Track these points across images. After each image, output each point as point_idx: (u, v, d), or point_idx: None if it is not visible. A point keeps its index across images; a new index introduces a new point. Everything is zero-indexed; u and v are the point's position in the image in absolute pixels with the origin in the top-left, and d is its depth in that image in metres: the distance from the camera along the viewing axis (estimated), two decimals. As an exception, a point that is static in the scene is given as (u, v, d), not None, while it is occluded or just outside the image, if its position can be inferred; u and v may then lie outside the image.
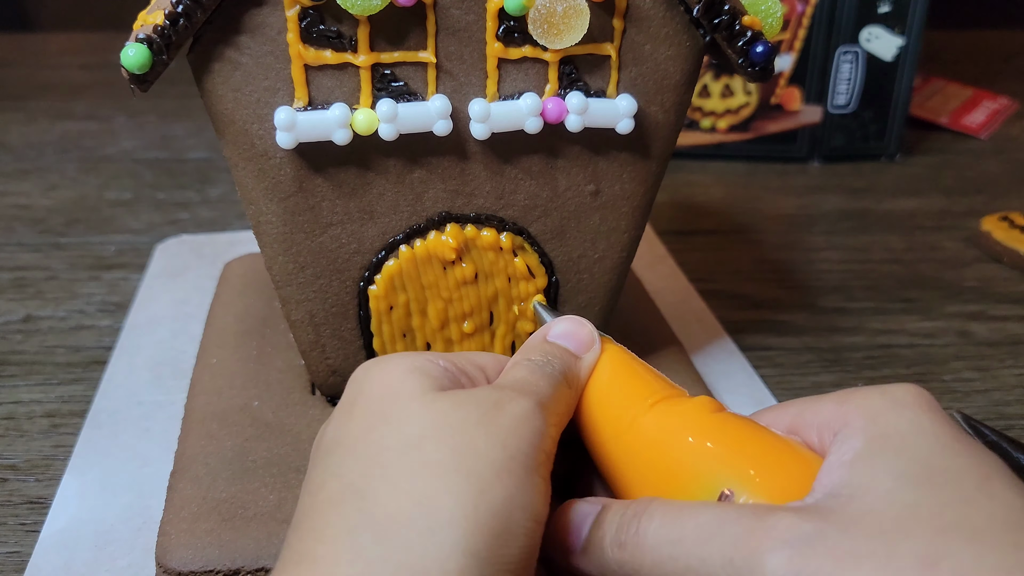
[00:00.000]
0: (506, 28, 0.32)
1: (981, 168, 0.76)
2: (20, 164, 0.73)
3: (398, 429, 0.25)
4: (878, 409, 0.24)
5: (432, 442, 0.24)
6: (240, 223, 0.63)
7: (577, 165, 0.35)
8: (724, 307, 0.53)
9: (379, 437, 0.25)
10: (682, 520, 0.23)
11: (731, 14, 0.32)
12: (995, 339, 0.51)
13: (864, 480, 0.22)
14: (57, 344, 0.49)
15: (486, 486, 0.23)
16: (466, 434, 0.24)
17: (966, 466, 0.22)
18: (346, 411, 0.27)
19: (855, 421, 0.24)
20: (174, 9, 0.29)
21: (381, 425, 0.25)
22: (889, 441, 0.23)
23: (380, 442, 0.25)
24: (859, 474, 0.23)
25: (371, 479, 0.24)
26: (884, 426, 0.24)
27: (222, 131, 0.33)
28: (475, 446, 0.24)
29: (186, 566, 0.33)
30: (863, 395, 0.25)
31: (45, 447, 0.41)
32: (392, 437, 0.25)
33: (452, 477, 0.23)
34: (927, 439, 0.23)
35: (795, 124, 0.74)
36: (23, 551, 0.36)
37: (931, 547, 0.20)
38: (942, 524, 0.21)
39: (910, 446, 0.23)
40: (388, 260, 0.36)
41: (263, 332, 0.46)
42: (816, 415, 0.26)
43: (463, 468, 0.23)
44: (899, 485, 0.22)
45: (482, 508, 0.23)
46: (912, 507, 0.21)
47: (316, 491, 0.25)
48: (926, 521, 0.21)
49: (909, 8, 0.69)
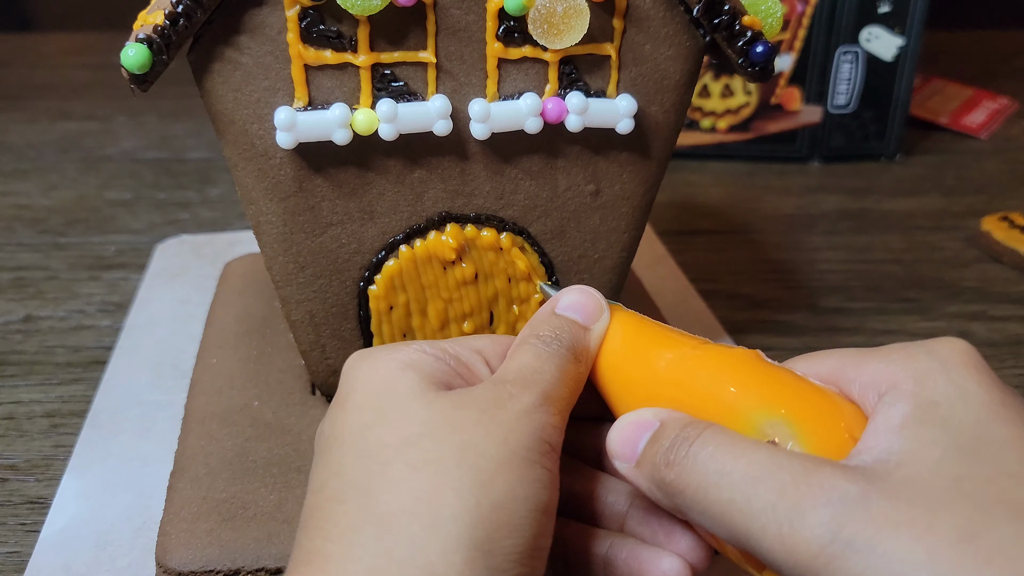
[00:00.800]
0: (506, 28, 0.32)
1: (981, 168, 0.76)
2: (20, 164, 0.73)
3: (396, 427, 0.25)
4: (926, 371, 0.24)
5: (432, 440, 0.24)
6: (240, 223, 0.63)
7: (577, 165, 0.35)
8: (724, 307, 0.53)
9: (378, 435, 0.25)
10: (735, 454, 0.23)
11: (731, 14, 0.32)
12: (995, 339, 0.51)
13: (912, 447, 0.22)
14: (57, 344, 0.49)
15: (487, 480, 0.23)
16: (466, 431, 0.24)
17: (1012, 437, 0.22)
18: (340, 406, 0.27)
19: (903, 384, 0.24)
20: (174, 9, 0.29)
21: (378, 423, 0.25)
22: (938, 409, 0.23)
23: (379, 440, 0.25)
24: (908, 441, 0.22)
25: (373, 476, 0.24)
26: (932, 392, 0.23)
27: (222, 131, 0.33)
28: (475, 442, 0.24)
29: (186, 566, 0.33)
30: (909, 354, 0.25)
31: (45, 447, 0.41)
32: (391, 435, 0.25)
33: (453, 472, 0.23)
34: (974, 407, 0.23)
35: (795, 124, 0.74)
36: (23, 551, 0.36)
37: (971, 521, 0.20)
38: (985, 499, 0.21)
39: (958, 414, 0.23)
40: (388, 260, 0.36)
41: (263, 332, 0.46)
42: (859, 371, 0.25)
43: (464, 463, 0.23)
44: (946, 456, 0.22)
45: (484, 501, 0.23)
46: (956, 480, 0.21)
47: (320, 489, 0.25)
48: (969, 495, 0.21)
49: (909, 8, 0.69)
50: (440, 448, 0.24)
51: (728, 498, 0.23)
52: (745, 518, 0.22)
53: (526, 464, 0.24)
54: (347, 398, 0.27)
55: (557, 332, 0.29)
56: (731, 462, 0.23)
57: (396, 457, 0.24)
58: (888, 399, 0.24)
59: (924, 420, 0.23)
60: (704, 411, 0.26)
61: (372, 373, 0.27)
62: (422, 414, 0.25)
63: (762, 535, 0.22)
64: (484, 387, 0.26)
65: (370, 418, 0.26)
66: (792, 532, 0.21)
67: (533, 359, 0.28)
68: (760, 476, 0.22)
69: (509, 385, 0.26)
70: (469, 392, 0.26)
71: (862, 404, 0.25)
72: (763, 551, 0.22)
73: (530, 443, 0.25)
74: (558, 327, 0.29)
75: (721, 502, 0.23)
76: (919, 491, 0.21)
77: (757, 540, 0.22)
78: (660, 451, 0.25)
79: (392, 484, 0.23)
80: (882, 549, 0.20)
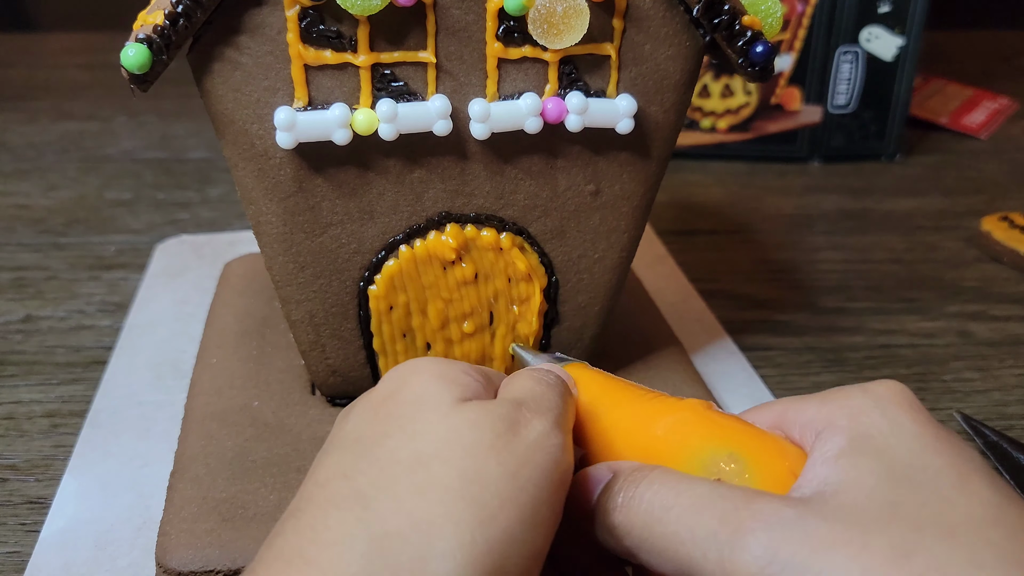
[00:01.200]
0: (506, 28, 0.32)
1: (981, 168, 0.76)
2: (20, 164, 0.73)
3: (411, 441, 0.25)
4: (860, 408, 0.25)
5: (441, 462, 0.24)
6: (240, 223, 0.63)
7: (577, 165, 0.35)
8: (724, 307, 0.53)
9: (393, 446, 0.25)
10: (679, 490, 0.24)
11: (731, 14, 0.32)
12: (995, 339, 0.51)
13: (848, 477, 0.23)
14: (57, 344, 0.49)
15: (488, 518, 0.23)
16: (477, 458, 0.24)
17: (945, 465, 0.23)
18: (375, 406, 0.27)
19: (838, 420, 0.25)
20: (174, 9, 0.29)
21: (398, 434, 0.25)
22: (872, 441, 0.24)
23: (393, 452, 0.24)
24: (843, 471, 0.23)
25: (377, 490, 0.23)
26: (867, 425, 0.24)
27: (222, 131, 0.33)
28: (484, 471, 0.24)
29: (186, 566, 0.33)
30: (845, 394, 0.26)
31: (45, 447, 0.41)
32: (404, 449, 0.24)
33: (456, 504, 0.23)
34: (908, 439, 0.24)
35: (795, 124, 0.74)
36: (23, 551, 0.36)
37: (906, 540, 0.21)
38: (919, 520, 0.21)
39: (892, 446, 0.23)
40: (388, 260, 0.36)
41: (263, 332, 0.46)
42: (799, 414, 0.26)
43: (468, 494, 0.23)
44: (881, 483, 0.22)
45: (479, 541, 0.22)
46: (891, 504, 0.22)
47: (323, 483, 0.24)
48: (904, 517, 0.22)
49: (909, 8, 0.69)
50: (448, 473, 0.24)
51: (672, 531, 0.23)
52: (688, 548, 0.23)
53: (531, 505, 0.24)
54: (384, 401, 0.27)
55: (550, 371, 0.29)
56: (675, 497, 0.24)
57: (404, 476, 0.24)
58: (824, 435, 0.25)
59: (858, 451, 0.24)
60: (660, 457, 0.27)
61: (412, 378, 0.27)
62: (437, 429, 0.25)
63: (704, 562, 0.22)
64: (500, 405, 0.26)
65: (393, 427, 0.25)
66: (732, 557, 0.22)
67: (538, 385, 0.28)
68: (702, 507, 0.23)
69: (525, 409, 0.26)
70: (486, 407, 0.26)
71: (803, 445, 0.26)
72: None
73: (540, 480, 0.24)
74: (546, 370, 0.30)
75: (666, 536, 0.23)
76: (855, 514, 0.22)
77: (699, 568, 0.23)
78: (611, 497, 0.25)
79: (395, 504, 0.23)
80: (818, 568, 0.21)
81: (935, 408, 0.45)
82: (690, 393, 0.42)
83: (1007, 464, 0.40)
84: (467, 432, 0.25)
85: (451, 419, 0.25)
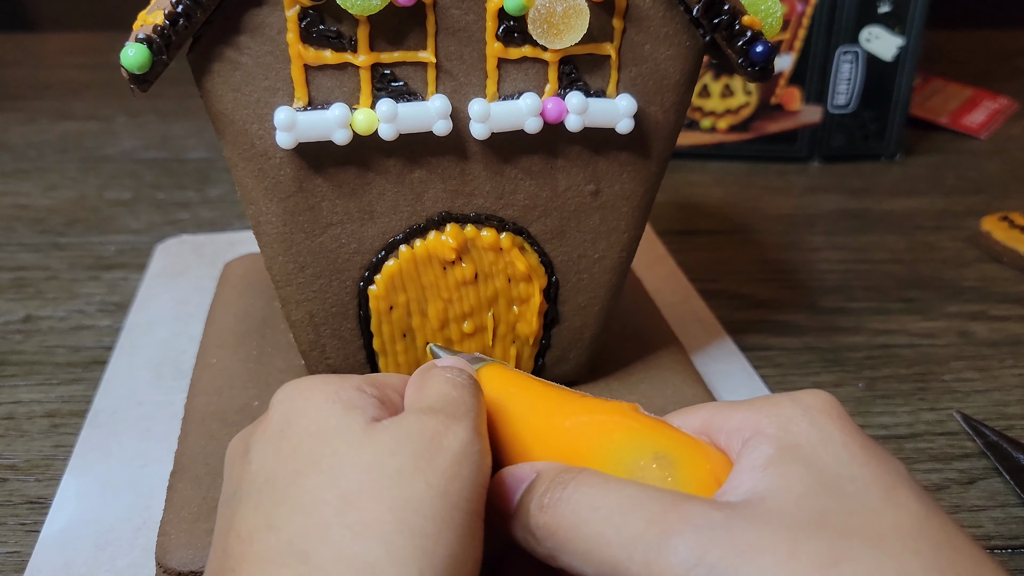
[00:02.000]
0: (506, 28, 0.32)
1: (981, 168, 0.76)
2: (20, 164, 0.73)
3: (332, 480, 0.23)
4: (789, 417, 0.25)
5: (369, 498, 0.23)
6: (240, 223, 0.63)
7: (577, 165, 0.35)
8: (724, 307, 0.53)
9: (314, 487, 0.23)
10: (607, 490, 0.24)
11: (731, 14, 0.32)
12: (995, 339, 0.51)
13: (776, 484, 0.23)
14: (57, 344, 0.49)
15: (429, 545, 0.22)
16: (404, 486, 0.23)
17: (873, 476, 0.23)
18: (273, 441, 0.25)
19: (767, 428, 0.25)
20: (174, 9, 0.29)
21: (313, 472, 0.24)
22: (800, 450, 0.24)
23: (315, 493, 0.23)
24: (771, 478, 0.23)
25: (311, 540, 0.22)
26: (796, 435, 0.24)
27: (222, 131, 0.33)
28: (415, 498, 0.23)
29: (186, 566, 0.33)
30: (774, 403, 0.26)
31: (45, 447, 0.41)
32: (328, 489, 0.23)
33: (394, 540, 0.22)
34: (836, 449, 0.24)
35: (795, 124, 0.74)
36: (23, 551, 0.36)
37: (833, 548, 0.21)
38: (847, 529, 0.21)
39: (820, 455, 0.24)
40: (388, 260, 0.36)
41: (263, 332, 0.46)
42: (727, 420, 0.26)
43: (404, 527, 0.22)
44: (810, 491, 0.23)
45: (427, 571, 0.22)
46: (820, 512, 0.22)
47: (249, 539, 0.23)
48: (832, 525, 0.22)
49: (909, 8, 0.69)
50: (380, 508, 0.23)
51: (598, 532, 0.23)
52: (614, 549, 0.23)
53: (465, 519, 0.24)
54: (282, 433, 0.25)
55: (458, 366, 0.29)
56: (602, 498, 0.24)
57: (336, 519, 0.23)
58: (752, 443, 0.25)
59: (787, 459, 0.23)
60: (582, 459, 0.27)
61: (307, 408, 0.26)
62: (357, 462, 0.24)
63: (629, 563, 0.22)
64: (415, 419, 0.25)
65: (304, 465, 0.24)
66: (658, 558, 0.22)
67: (449, 388, 0.27)
68: (630, 508, 0.23)
69: (440, 416, 0.25)
70: (400, 426, 0.25)
71: (728, 451, 0.26)
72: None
73: (470, 492, 0.24)
74: (456, 362, 0.29)
75: (591, 537, 0.23)
76: (783, 521, 0.22)
77: (625, 570, 0.22)
78: (535, 498, 0.25)
79: (333, 551, 0.22)
80: (745, 573, 0.21)
81: (935, 408, 0.45)
82: (690, 393, 0.42)
83: (1007, 464, 0.40)
84: (388, 460, 0.24)
85: (367, 448, 0.24)
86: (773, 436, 0.24)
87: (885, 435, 0.43)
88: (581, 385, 0.42)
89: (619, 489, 0.24)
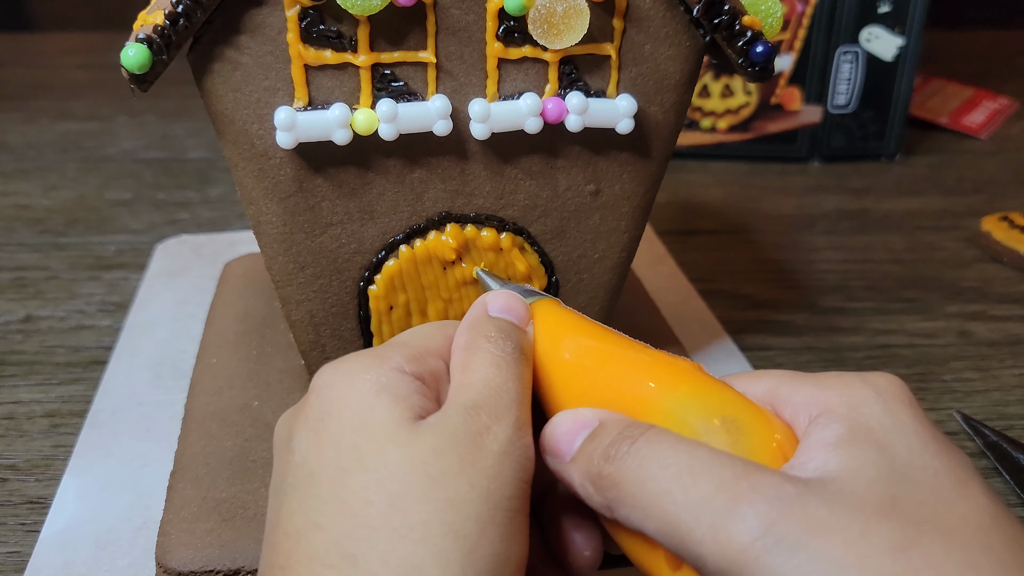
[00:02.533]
0: (506, 28, 0.32)
1: (981, 168, 0.76)
2: (20, 164, 0.73)
3: (378, 481, 0.24)
4: (860, 399, 0.24)
5: (415, 500, 0.23)
6: (240, 223, 0.63)
7: (577, 165, 0.35)
8: (724, 307, 0.53)
9: (360, 487, 0.24)
10: (677, 449, 0.24)
11: (731, 14, 0.32)
12: (995, 339, 0.51)
13: (848, 465, 0.23)
14: (57, 344, 0.49)
15: (472, 546, 0.23)
16: (448, 488, 0.23)
17: (944, 467, 0.23)
18: (315, 431, 0.25)
19: (837, 408, 0.24)
20: (174, 9, 0.29)
21: (359, 471, 0.24)
22: (872, 434, 0.23)
23: (362, 493, 0.24)
24: (843, 459, 0.23)
25: (359, 541, 0.23)
26: (867, 417, 0.24)
27: (222, 131, 0.33)
28: (458, 499, 0.23)
29: (186, 566, 0.33)
30: (844, 382, 0.25)
31: (45, 447, 0.41)
32: (374, 490, 0.24)
33: (438, 541, 0.23)
34: (908, 436, 0.23)
35: (795, 124, 0.74)
36: (23, 551, 0.36)
37: (904, 535, 0.21)
38: (918, 518, 0.21)
39: (893, 441, 0.23)
40: (388, 260, 0.36)
41: (263, 332, 0.46)
42: (793, 393, 0.26)
43: (448, 528, 0.23)
44: (881, 476, 0.22)
45: (469, 571, 0.23)
46: (891, 498, 0.22)
47: (296, 535, 0.24)
48: (903, 512, 0.21)
49: (909, 8, 0.69)
50: (426, 509, 0.23)
51: (664, 489, 0.23)
52: (679, 509, 0.22)
53: (508, 518, 0.24)
54: (323, 423, 0.25)
55: (504, 332, 0.28)
56: (672, 456, 0.23)
57: (382, 522, 0.23)
58: (822, 420, 0.24)
59: (859, 441, 0.23)
60: (644, 410, 0.26)
61: (348, 394, 0.26)
62: (403, 463, 0.24)
63: (694, 525, 0.22)
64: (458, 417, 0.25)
65: (349, 462, 0.24)
66: (726, 524, 0.22)
67: (494, 371, 0.27)
68: (701, 470, 0.23)
69: (483, 415, 0.25)
70: (444, 425, 0.25)
71: (793, 425, 0.25)
72: (692, 543, 0.22)
73: (512, 491, 0.24)
74: (502, 328, 0.28)
75: (657, 493, 0.23)
76: (854, 502, 0.22)
77: (688, 531, 0.22)
78: (599, 447, 0.25)
79: (380, 554, 0.23)
80: (812, 548, 0.21)
81: (935, 408, 0.45)
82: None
83: (1007, 464, 0.40)
84: (433, 461, 0.24)
85: (412, 449, 0.24)
86: (845, 416, 0.24)
87: (885, 435, 0.43)
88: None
89: (690, 450, 0.23)
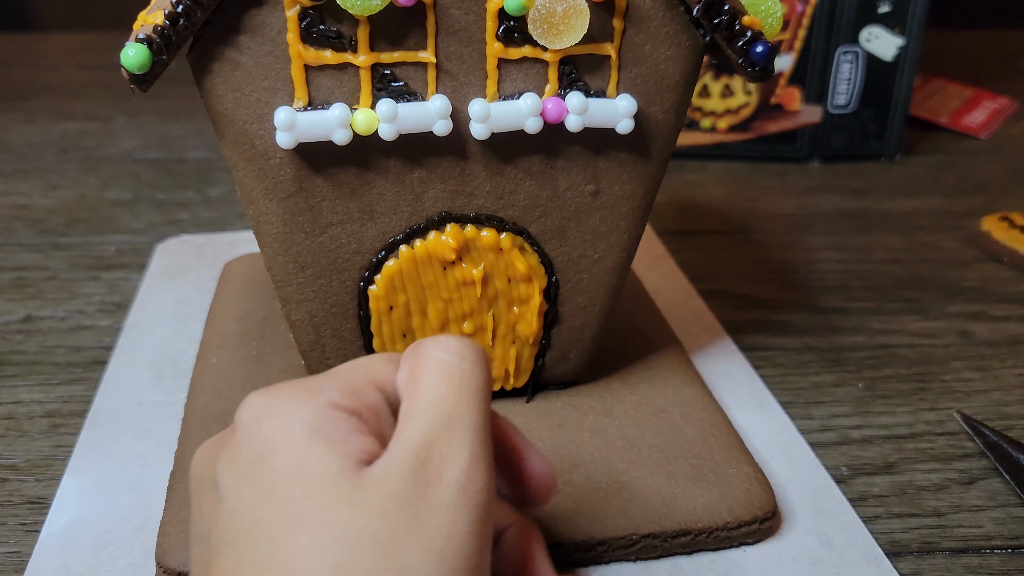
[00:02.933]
0: (506, 28, 0.32)
1: (981, 168, 0.76)
2: (20, 164, 0.73)
3: (322, 546, 0.21)
4: None
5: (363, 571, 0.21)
6: (240, 223, 0.63)
7: (577, 165, 0.35)
8: (724, 307, 0.53)
9: (301, 550, 0.21)
10: None
11: (731, 14, 0.32)
12: (995, 339, 0.51)
13: None
14: (57, 344, 0.49)
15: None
16: (398, 555, 0.21)
17: None
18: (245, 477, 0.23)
19: None
20: (174, 9, 0.29)
21: (298, 530, 0.22)
22: None
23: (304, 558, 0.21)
24: None
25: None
26: None
27: (222, 131, 0.33)
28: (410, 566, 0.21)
29: (186, 566, 0.33)
30: None
31: (45, 447, 0.41)
32: (318, 557, 0.21)
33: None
34: None
35: (795, 124, 0.74)
36: (23, 551, 0.36)
37: None
38: None
39: None
40: (388, 260, 0.36)
41: (263, 332, 0.46)
42: None
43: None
44: None
45: None
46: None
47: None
48: None
49: (909, 8, 0.69)
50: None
51: None
52: None
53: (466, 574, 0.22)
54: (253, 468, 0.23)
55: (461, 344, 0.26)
56: None
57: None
58: None
59: None
60: None
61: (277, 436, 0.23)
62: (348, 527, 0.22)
63: None
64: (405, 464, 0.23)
65: (286, 520, 0.22)
66: None
67: (446, 387, 0.24)
68: None
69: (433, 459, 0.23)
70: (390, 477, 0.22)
71: None
72: None
73: (469, 548, 0.22)
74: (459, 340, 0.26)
75: None
76: None
77: None
78: None
79: None
80: None
81: (935, 408, 0.45)
82: (690, 393, 0.42)
83: (1007, 464, 0.40)
84: (380, 524, 0.22)
85: (356, 511, 0.22)
86: None
87: (885, 435, 0.43)
88: (581, 385, 0.42)
89: None
